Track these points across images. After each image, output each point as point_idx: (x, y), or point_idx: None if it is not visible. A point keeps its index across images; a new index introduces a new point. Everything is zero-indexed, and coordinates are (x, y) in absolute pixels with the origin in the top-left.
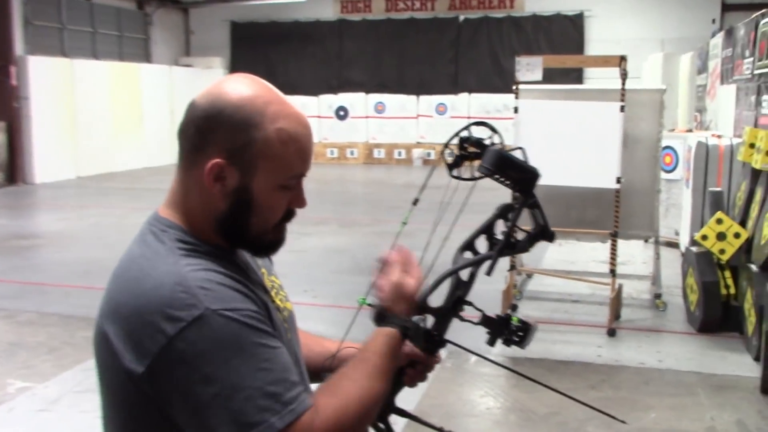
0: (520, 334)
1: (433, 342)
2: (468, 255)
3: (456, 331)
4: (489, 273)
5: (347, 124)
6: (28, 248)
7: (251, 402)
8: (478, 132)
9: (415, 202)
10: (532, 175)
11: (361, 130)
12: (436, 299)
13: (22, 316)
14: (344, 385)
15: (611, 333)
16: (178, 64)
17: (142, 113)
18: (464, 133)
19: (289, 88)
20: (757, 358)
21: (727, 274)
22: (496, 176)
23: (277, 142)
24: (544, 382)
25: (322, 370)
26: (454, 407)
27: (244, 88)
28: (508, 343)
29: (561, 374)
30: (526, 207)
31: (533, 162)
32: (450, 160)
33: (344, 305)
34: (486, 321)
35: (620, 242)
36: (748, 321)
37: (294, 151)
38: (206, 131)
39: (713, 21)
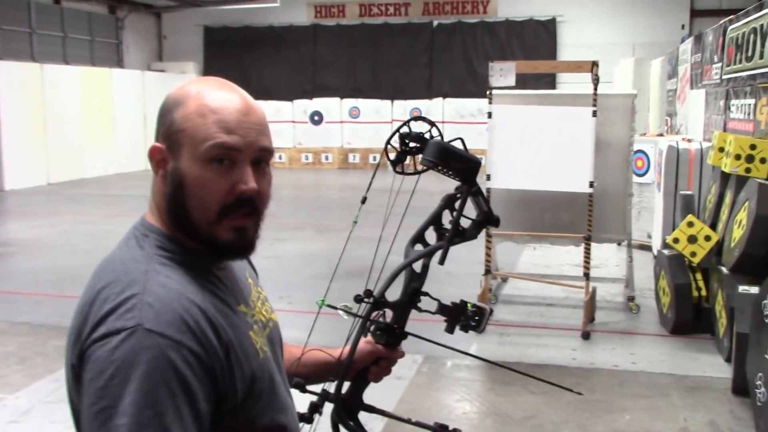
0: (476, 318)
1: (395, 336)
2: (419, 247)
3: (433, 335)
4: (442, 262)
5: (322, 129)
6: None
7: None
8: (418, 128)
9: (364, 200)
10: (473, 163)
11: (335, 135)
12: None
13: None
14: None
15: (585, 336)
16: (151, 69)
17: (114, 119)
18: (404, 130)
19: (263, 93)
20: (728, 359)
21: (699, 276)
22: (439, 167)
23: (195, 115)
24: (519, 386)
25: (290, 375)
26: (430, 412)
27: (189, 83)
28: (465, 328)
29: None
30: (469, 195)
31: (507, 165)
32: (392, 156)
33: (321, 311)
34: (443, 309)
35: (593, 245)
36: (719, 322)
37: (213, 121)
38: (158, 125)
39: (683, 26)
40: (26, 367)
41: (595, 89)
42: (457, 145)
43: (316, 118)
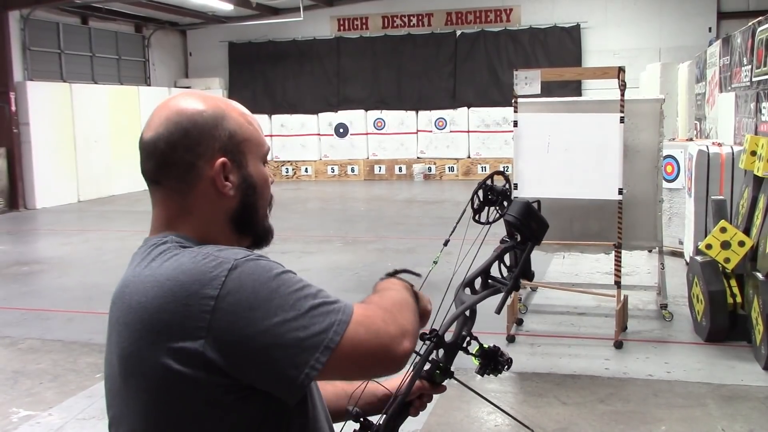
0: (500, 366)
1: (448, 377)
2: (468, 292)
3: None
4: (499, 311)
5: (347, 142)
6: (29, 274)
7: (313, 313)
8: (497, 181)
9: (446, 243)
10: (545, 227)
11: (361, 147)
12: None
13: (25, 343)
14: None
15: (618, 345)
16: (177, 85)
17: None
18: (488, 183)
19: (288, 107)
20: (766, 367)
21: (733, 282)
22: (519, 224)
23: (245, 123)
24: (552, 397)
25: (340, 412)
26: (462, 425)
27: (190, 99)
28: (485, 371)
29: (568, 388)
30: (524, 251)
31: (535, 174)
32: (476, 206)
33: None
34: (483, 353)
35: (624, 253)
36: (756, 330)
37: (257, 128)
38: (191, 148)
39: (709, 29)
40: (59, 384)
41: (623, 95)
42: (535, 206)
43: (341, 130)
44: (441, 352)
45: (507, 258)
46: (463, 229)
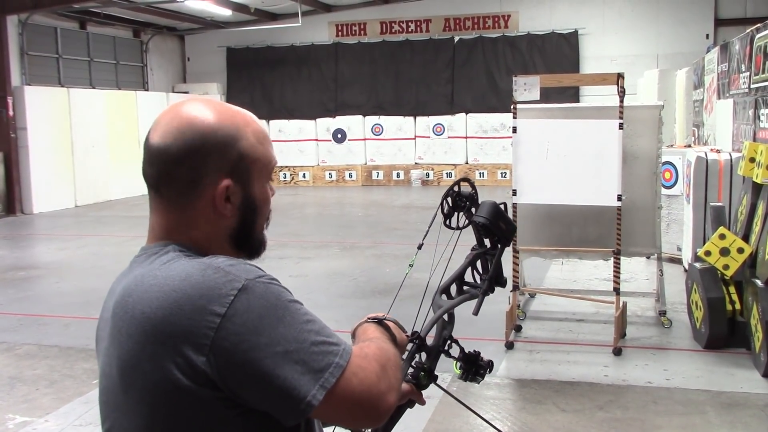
0: (481, 371)
1: (433, 380)
2: (444, 298)
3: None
4: (476, 313)
5: (345, 147)
6: (26, 279)
7: (314, 350)
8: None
9: (420, 247)
10: (513, 228)
11: (359, 153)
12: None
13: (21, 348)
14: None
15: (617, 352)
16: (175, 90)
17: (140, 141)
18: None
19: (286, 112)
20: (765, 375)
21: (732, 289)
22: (488, 226)
23: (257, 144)
24: (551, 404)
25: None
26: None
27: (205, 110)
28: (466, 377)
29: (567, 395)
30: (494, 256)
31: (533, 180)
32: (446, 211)
33: (348, 330)
34: (465, 357)
35: (623, 259)
36: (755, 337)
37: (269, 146)
38: (197, 167)
39: (707, 36)
40: (55, 390)
41: (621, 101)
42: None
43: (339, 136)
44: (423, 355)
45: (479, 265)
46: (437, 234)
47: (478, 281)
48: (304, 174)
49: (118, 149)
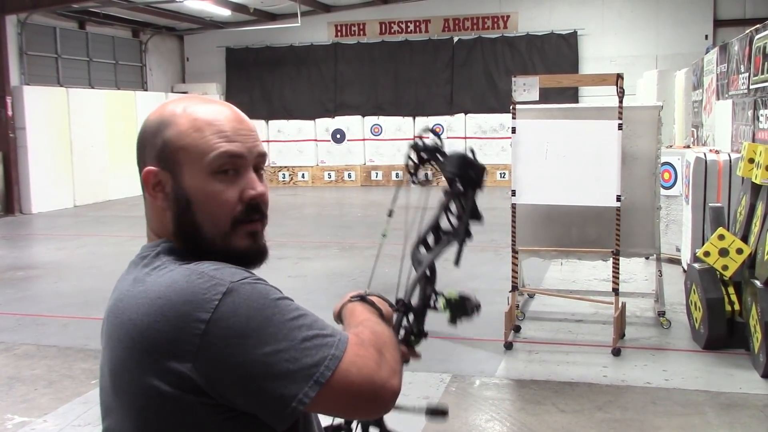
0: (470, 313)
1: (423, 338)
2: (423, 250)
3: (461, 354)
4: (457, 262)
5: (344, 147)
6: (25, 279)
7: (306, 345)
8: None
9: (390, 213)
10: (483, 170)
11: (358, 153)
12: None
13: (20, 348)
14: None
15: (616, 352)
16: (174, 90)
17: None
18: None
19: (285, 113)
20: (764, 375)
21: (731, 290)
22: (458, 176)
23: (191, 131)
24: (550, 404)
25: None
26: None
27: (169, 104)
28: (456, 319)
29: (567, 396)
30: (467, 198)
31: (532, 180)
32: (412, 170)
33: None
34: (451, 305)
35: (622, 260)
36: (754, 337)
37: (212, 133)
38: (139, 152)
39: (706, 37)
40: (54, 390)
41: (621, 102)
42: (470, 154)
43: (338, 136)
44: (411, 317)
45: (454, 208)
46: (407, 196)
47: (455, 225)
48: (303, 174)
49: (117, 149)
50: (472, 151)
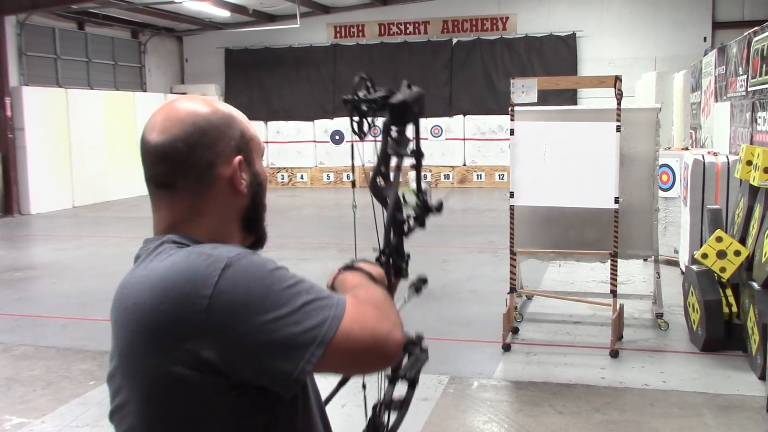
0: (435, 211)
1: (407, 263)
2: (379, 181)
3: (459, 355)
4: (419, 187)
5: (343, 149)
6: (23, 280)
7: (307, 309)
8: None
9: (353, 183)
10: (421, 97)
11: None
12: None
13: (18, 349)
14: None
15: (614, 354)
16: (173, 91)
17: (137, 142)
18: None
19: (284, 114)
20: (762, 377)
21: (729, 292)
22: (403, 105)
23: (249, 126)
24: (547, 406)
25: None
26: None
27: (196, 101)
28: (423, 215)
29: (564, 397)
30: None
31: (531, 182)
32: (357, 128)
33: None
34: (416, 216)
35: (620, 262)
36: (752, 339)
37: (255, 130)
38: (210, 147)
39: (704, 39)
40: (52, 391)
41: (619, 104)
42: (405, 89)
43: (336, 137)
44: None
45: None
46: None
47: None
48: (301, 175)
49: (116, 150)
50: (409, 85)
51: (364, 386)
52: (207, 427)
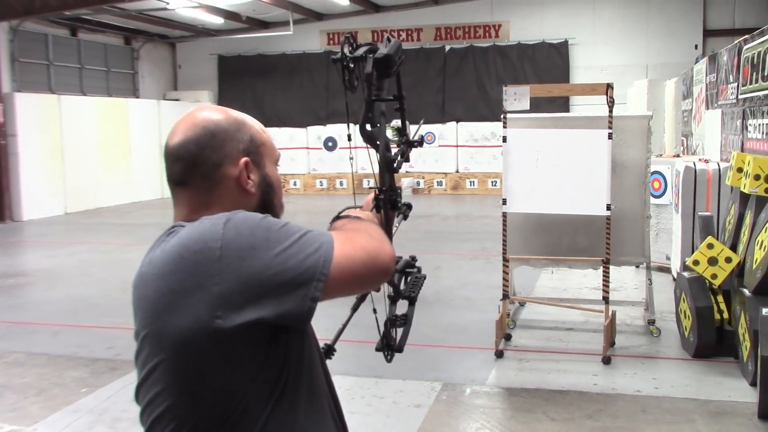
0: (415, 145)
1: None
2: (368, 128)
3: (451, 362)
4: (403, 130)
5: (336, 155)
6: (15, 287)
7: (304, 239)
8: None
9: (349, 137)
10: (399, 46)
11: (349, 161)
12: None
13: (10, 356)
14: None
15: (606, 361)
16: (166, 98)
17: (130, 148)
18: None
19: (277, 121)
20: (753, 383)
21: (720, 298)
22: (388, 59)
23: (261, 132)
24: (540, 413)
25: None
26: None
27: (215, 110)
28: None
29: (557, 404)
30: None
31: (523, 189)
32: (347, 83)
33: (351, 339)
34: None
35: (612, 268)
36: (743, 346)
37: (269, 136)
38: (218, 148)
39: (695, 47)
40: (44, 398)
41: (611, 111)
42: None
43: (330, 144)
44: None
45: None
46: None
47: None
48: (294, 182)
49: (109, 157)
50: (388, 39)
51: (374, 310)
52: (228, 379)
